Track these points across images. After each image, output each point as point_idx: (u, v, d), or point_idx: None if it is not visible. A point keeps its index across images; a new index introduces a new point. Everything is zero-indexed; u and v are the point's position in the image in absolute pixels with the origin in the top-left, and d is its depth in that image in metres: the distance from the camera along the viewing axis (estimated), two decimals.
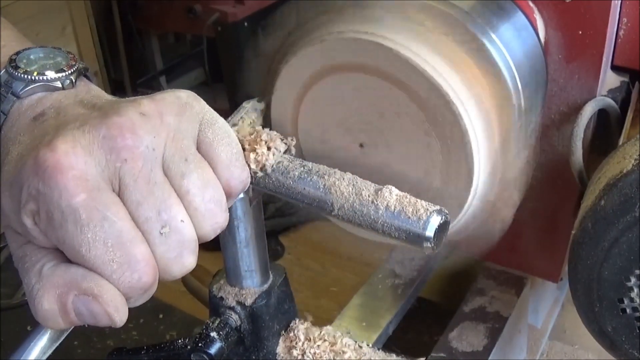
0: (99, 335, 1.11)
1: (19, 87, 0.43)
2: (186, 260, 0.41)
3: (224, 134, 0.44)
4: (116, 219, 0.37)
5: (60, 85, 0.44)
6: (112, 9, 2.26)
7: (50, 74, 0.44)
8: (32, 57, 0.45)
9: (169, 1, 2.17)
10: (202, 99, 0.45)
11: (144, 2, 2.25)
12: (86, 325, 0.40)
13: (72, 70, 0.45)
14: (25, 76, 0.43)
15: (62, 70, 0.44)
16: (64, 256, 0.38)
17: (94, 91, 0.46)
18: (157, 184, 0.39)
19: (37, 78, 0.43)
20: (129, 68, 2.36)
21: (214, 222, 0.42)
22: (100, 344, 1.09)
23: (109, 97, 0.45)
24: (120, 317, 0.39)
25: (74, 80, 0.45)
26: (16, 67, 0.44)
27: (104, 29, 2.30)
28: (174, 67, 2.59)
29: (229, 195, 0.44)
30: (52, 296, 0.38)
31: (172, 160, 0.40)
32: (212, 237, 0.43)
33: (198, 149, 0.43)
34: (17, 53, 0.45)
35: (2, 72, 0.44)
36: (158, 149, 0.40)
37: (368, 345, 0.61)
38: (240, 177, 0.44)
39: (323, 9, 0.69)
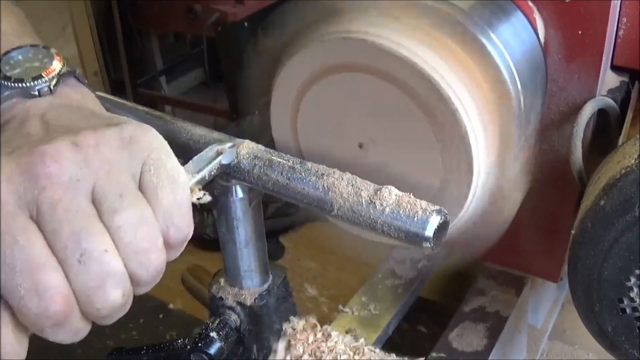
0: (99, 335, 1.11)
1: None
2: (109, 294, 0.38)
3: (168, 179, 0.41)
4: (26, 243, 0.36)
5: (36, 94, 0.44)
6: (112, 9, 2.26)
7: (28, 81, 0.44)
8: (19, 57, 0.45)
9: (169, 1, 2.17)
10: (157, 135, 0.42)
11: (144, 2, 2.25)
12: None
13: (51, 76, 0.44)
14: (4, 82, 0.43)
15: (39, 77, 0.44)
16: None
17: (72, 99, 0.45)
18: (77, 212, 0.37)
19: (13, 85, 0.43)
20: (129, 68, 2.36)
21: (147, 260, 0.39)
22: (100, 344, 1.09)
23: (81, 110, 0.44)
24: (10, 356, 0.38)
25: (51, 87, 0.44)
26: None
27: (104, 29, 2.30)
28: (174, 67, 2.59)
29: (167, 245, 0.41)
30: None
31: (105, 195, 0.39)
32: (149, 280, 0.40)
33: (140, 188, 0.40)
34: (6, 53, 0.45)
35: None
36: (85, 181, 0.38)
37: (367, 345, 0.61)
38: (180, 226, 0.41)
39: (323, 10, 0.69)
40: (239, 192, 0.52)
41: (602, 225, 0.66)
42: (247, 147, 0.50)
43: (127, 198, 0.39)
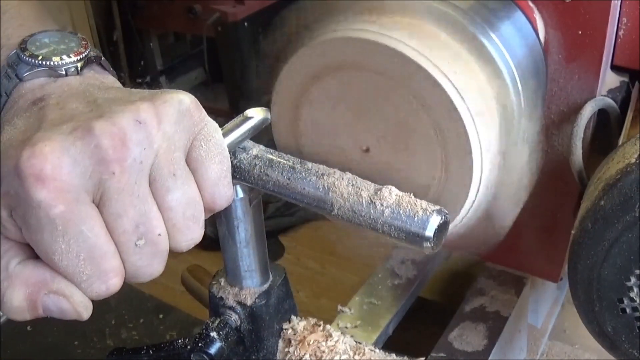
0: (99, 335, 1.11)
1: (23, 70, 0.43)
2: (155, 269, 0.41)
3: (217, 151, 0.43)
4: (91, 234, 0.37)
5: (63, 73, 0.44)
6: (112, 9, 2.27)
7: (56, 60, 0.43)
8: (45, 40, 0.45)
9: (169, 1, 2.17)
10: (202, 108, 0.44)
11: (144, 2, 2.25)
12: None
13: (78, 57, 0.44)
14: (31, 60, 0.43)
15: (67, 57, 0.44)
16: (32, 251, 0.38)
17: (101, 81, 0.45)
18: (139, 197, 0.39)
19: (41, 63, 0.43)
20: (129, 68, 2.37)
21: (190, 238, 0.42)
22: (100, 344, 1.09)
23: (118, 88, 0.44)
24: (89, 313, 0.40)
25: (79, 68, 0.44)
26: (24, 50, 0.44)
27: (104, 29, 2.31)
28: (174, 67, 2.60)
29: (211, 210, 0.43)
30: (22, 293, 0.38)
31: (160, 173, 0.40)
32: (185, 250, 0.43)
33: (187, 160, 0.42)
34: (32, 35, 0.45)
35: (13, 52, 0.44)
36: (146, 161, 0.39)
37: (367, 345, 0.61)
38: (226, 195, 0.44)
39: (323, 10, 0.69)
40: (239, 192, 0.52)
41: (602, 225, 0.66)
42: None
43: (180, 177, 0.40)
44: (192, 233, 0.42)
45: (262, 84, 0.72)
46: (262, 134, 0.53)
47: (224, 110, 2.26)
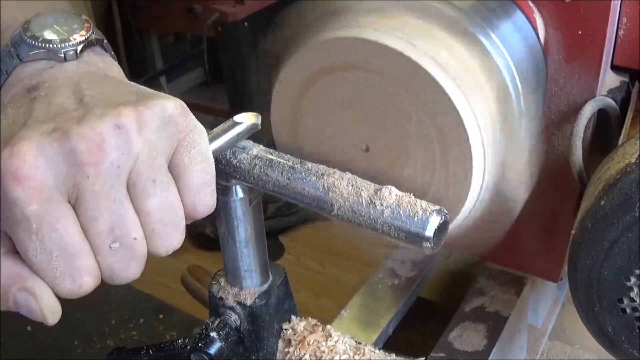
0: (99, 335, 1.11)
1: (24, 51, 0.43)
2: (132, 272, 0.41)
3: (200, 159, 0.42)
4: (64, 232, 0.38)
5: (62, 56, 0.44)
6: (112, 9, 2.27)
7: (55, 43, 0.44)
8: (50, 20, 0.45)
9: (169, 1, 2.17)
10: (190, 113, 0.43)
11: (144, 2, 2.25)
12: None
13: (79, 41, 0.44)
14: (31, 41, 0.43)
15: (67, 40, 0.44)
16: (13, 245, 0.39)
17: (98, 66, 0.45)
18: (115, 200, 0.39)
19: (40, 45, 0.43)
20: (129, 68, 2.37)
21: (169, 244, 0.42)
22: (100, 344, 1.09)
23: (111, 80, 0.44)
24: (54, 319, 0.40)
25: (77, 52, 0.44)
26: (26, 30, 0.44)
27: (104, 29, 2.30)
28: (174, 67, 2.60)
29: (191, 218, 0.43)
30: None
31: (140, 179, 0.40)
32: (164, 255, 0.43)
33: (170, 166, 0.42)
34: (37, 15, 0.45)
35: (17, 32, 0.44)
36: (124, 166, 0.39)
37: (368, 345, 0.61)
38: (207, 203, 0.43)
39: (323, 10, 0.69)
40: (239, 192, 0.52)
41: (602, 225, 0.66)
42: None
43: (160, 184, 0.40)
44: (171, 239, 0.41)
45: (262, 84, 0.72)
46: (262, 134, 0.52)
47: (224, 110, 2.26)
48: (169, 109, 0.41)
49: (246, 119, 0.49)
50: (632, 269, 0.65)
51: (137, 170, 0.39)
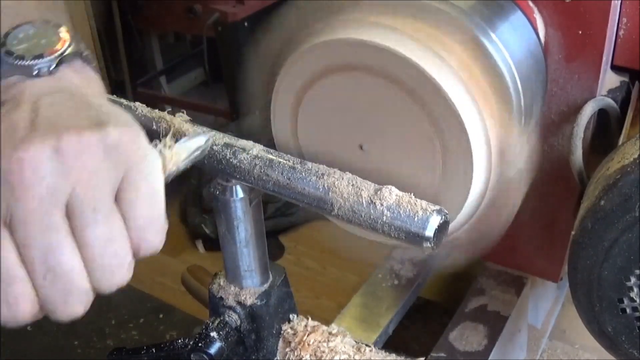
0: (99, 335, 1.11)
1: (3, 66, 0.42)
2: (72, 309, 0.38)
3: (148, 192, 0.40)
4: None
5: (36, 73, 0.43)
6: (112, 9, 2.27)
7: (28, 59, 0.42)
8: (30, 32, 0.44)
9: (169, 1, 2.17)
10: (143, 141, 0.40)
11: (144, 2, 2.25)
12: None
13: (53, 56, 0.43)
14: (6, 57, 0.42)
15: (40, 56, 0.43)
16: None
17: (70, 82, 0.44)
18: (49, 227, 0.37)
19: (13, 62, 0.42)
20: (129, 68, 2.36)
21: (110, 280, 0.39)
22: (100, 344, 1.09)
23: (73, 99, 0.42)
24: None
25: (50, 68, 0.43)
26: (3, 44, 0.43)
27: (104, 29, 2.30)
28: (174, 67, 2.60)
29: (135, 255, 0.40)
30: None
31: (79, 207, 0.37)
32: (111, 291, 0.40)
33: (117, 197, 0.39)
34: (15, 27, 0.44)
35: None
36: (61, 192, 0.37)
37: (368, 344, 0.61)
38: (152, 243, 0.40)
39: (322, 10, 0.69)
40: (239, 192, 0.52)
41: (602, 225, 0.66)
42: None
43: (101, 213, 0.38)
44: (113, 275, 0.39)
45: (262, 84, 0.72)
46: (262, 134, 0.53)
47: (224, 111, 2.25)
48: (114, 137, 0.39)
49: (197, 139, 0.46)
50: (632, 269, 0.65)
51: (77, 197, 0.37)
